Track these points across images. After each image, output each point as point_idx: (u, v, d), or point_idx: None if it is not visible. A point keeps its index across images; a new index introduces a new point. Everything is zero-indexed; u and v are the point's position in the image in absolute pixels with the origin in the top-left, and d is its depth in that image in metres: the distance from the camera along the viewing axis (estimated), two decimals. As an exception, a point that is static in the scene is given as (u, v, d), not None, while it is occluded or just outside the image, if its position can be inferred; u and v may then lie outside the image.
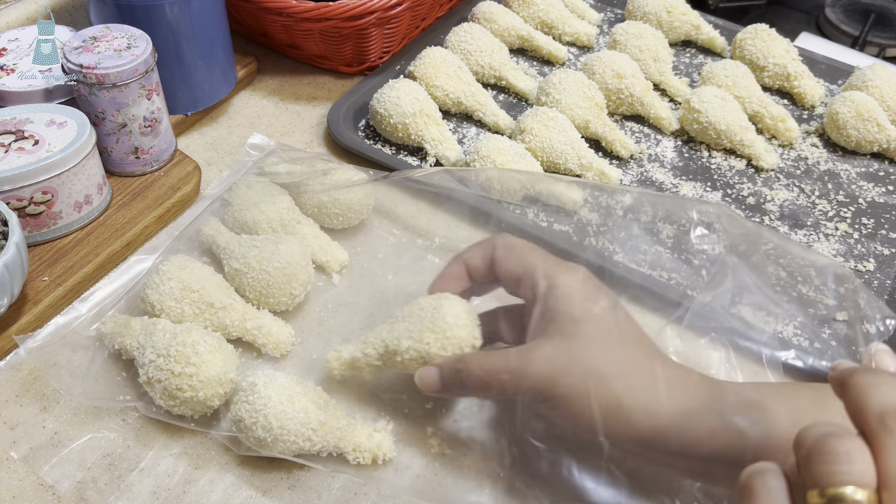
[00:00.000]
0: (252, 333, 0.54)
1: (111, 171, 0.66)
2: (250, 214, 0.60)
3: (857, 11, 1.10)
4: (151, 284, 0.54)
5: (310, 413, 0.47)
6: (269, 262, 0.55)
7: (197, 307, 0.53)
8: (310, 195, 0.62)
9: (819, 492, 0.31)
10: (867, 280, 0.64)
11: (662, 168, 0.73)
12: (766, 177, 0.72)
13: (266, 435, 0.47)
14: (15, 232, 0.52)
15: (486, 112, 0.75)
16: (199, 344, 0.49)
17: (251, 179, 0.62)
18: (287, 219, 0.60)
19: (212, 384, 0.49)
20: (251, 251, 0.56)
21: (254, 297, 0.56)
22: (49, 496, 0.48)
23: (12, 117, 0.60)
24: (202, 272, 0.55)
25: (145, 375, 0.49)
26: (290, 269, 0.55)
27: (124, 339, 0.52)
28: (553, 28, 0.87)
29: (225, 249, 0.58)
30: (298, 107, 0.78)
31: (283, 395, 0.47)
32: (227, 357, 0.51)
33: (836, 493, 0.30)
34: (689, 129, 0.75)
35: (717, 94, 0.74)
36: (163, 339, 0.49)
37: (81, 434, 0.50)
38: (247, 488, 0.48)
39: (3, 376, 0.54)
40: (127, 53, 0.61)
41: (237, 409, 0.48)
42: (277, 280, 0.55)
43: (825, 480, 0.31)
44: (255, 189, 0.61)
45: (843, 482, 0.31)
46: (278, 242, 0.56)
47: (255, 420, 0.47)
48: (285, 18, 0.73)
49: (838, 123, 0.74)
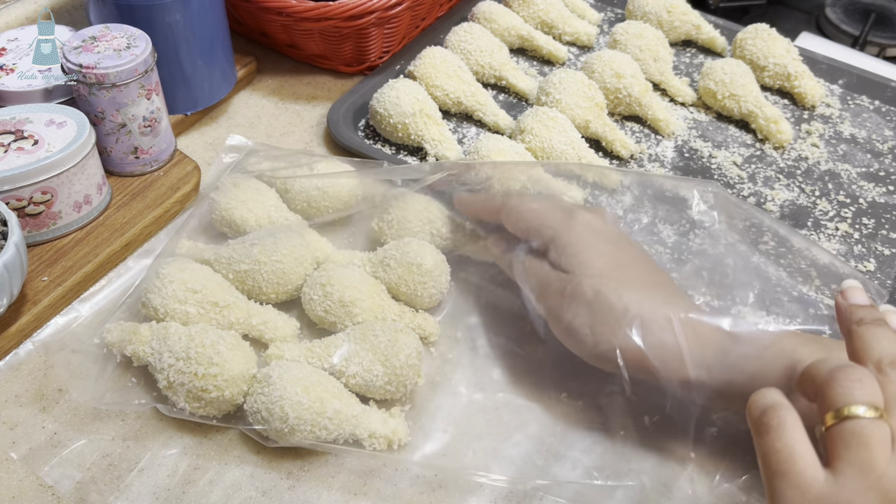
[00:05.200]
0: (258, 329, 0.54)
1: (111, 170, 0.66)
2: (238, 213, 0.60)
3: (858, 11, 1.10)
4: (153, 289, 0.53)
5: (325, 402, 0.48)
6: (276, 251, 0.55)
7: (202, 307, 0.53)
8: (297, 191, 0.62)
9: (834, 413, 0.35)
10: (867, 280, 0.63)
11: (663, 168, 0.73)
12: (767, 176, 0.72)
13: (283, 426, 0.47)
14: (14, 232, 0.52)
15: (486, 112, 0.75)
16: (219, 343, 0.49)
17: (238, 178, 0.62)
18: (275, 216, 0.60)
19: (236, 382, 0.49)
20: (253, 249, 0.56)
21: (271, 290, 0.56)
22: (49, 496, 0.48)
23: (12, 117, 0.60)
24: (202, 272, 0.55)
25: (165, 380, 0.49)
26: (297, 252, 0.56)
27: (135, 347, 0.51)
28: (553, 28, 0.87)
29: (217, 261, 0.57)
30: (298, 107, 0.78)
31: (299, 386, 0.48)
32: (247, 353, 0.51)
33: (851, 412, 0.35)
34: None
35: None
36: (179, 343, 0.49)
37: (81, 434, 0.50)
38: (246, 489, 0.48)
39: (3, 376, 0.54)
40: (126, 53, 0.60)
41: (253, 402, 0.48)
42: (290, 265, 0.56)
43: (841, 401, 0.35)
44: (241, 187, 0.61)
45: (856, 401, 0.35)
46: (273, 233, 0.57)
47: (272, 411, 0.47)
48: (285, 18, 0.73)
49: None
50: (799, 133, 0.78)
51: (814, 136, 0.77)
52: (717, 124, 0.78)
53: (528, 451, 0.51)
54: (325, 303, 0.54)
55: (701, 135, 0.77)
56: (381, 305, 0.55)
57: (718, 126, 0.78)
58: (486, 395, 0.54)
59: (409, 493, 0.49)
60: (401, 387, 0.51)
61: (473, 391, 0.54)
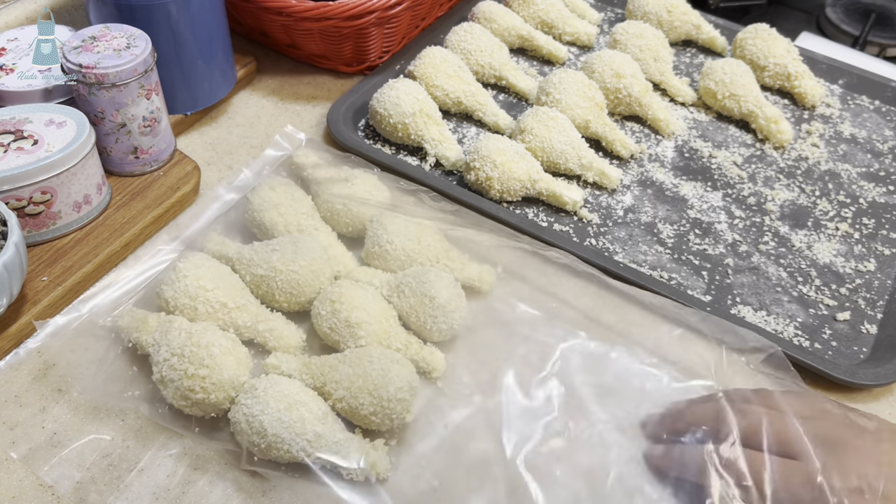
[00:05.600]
0: (263, 335, 0.54)
1: (110, 170, 0.66)
2: (268, 216, 0.59)
3: (858, 11, 1.10)
4: (167, 281, 0.54)
5: (306, 423, 0.47)
6: (295, 262, 0.55)
7: (210, 306, 0.53)
8: (324, 200, 0.62)
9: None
10: (867, 280, 0.64)
11: (663, 168, 0.73)
12: (767, 176, 0.72)
13: (260, 440, 0.46)
14: (14, 232, 0.52)
15: (486, 112, 0.75)
16: (214, 346, 0.49)
17: (275, 181, 0.62)
18: (304, 224, 0.60)
19: (224, 387, 0.48)
20: (272, 255, 0.55)
21: (284, 298, 0.55)
22: (48, 496, 0.48)
23: (11, 117, 0.60)
24: (218, 271, 0.55)
25: (159, 374, 0.49)
26: (316, 265, 0.56)
27: (140, 335, 0.52)
28: (553, 28, 0.87)
29: (239, 260, 0.57)
30: (298, 106, 0.78)
31: (282, 403, 0.47)
32: (241, 360, 0.50)
33: None
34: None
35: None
36: (178, 339, 0.49)
37: (81, 434, 0.50)
38: (246, 489, 0.48)
39: (3, 376, 0.54)
40: (126, 53, 0.60)
41: (235, 411, 0.48)
42: (306, 277, 0.55)
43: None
44: (277, 191, 0.61)
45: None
46: (296, 242, 0.56)
47: (251, 424, 0.47)
48: (285, 18, 0.73)
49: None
50: (799, 133, 0.78)
51: (814, 136, 0.77)
52: (717, 124, 0.78)
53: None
54: (332, 320, 0.53)
55: (701, 135, 0.77)
56: (387, 332, 0.53)
57: (718, 126, 0.78)
58: (484, 450, 0.49)
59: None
60: (386, 420, 0.49)
61: (468, 441, 0.50)
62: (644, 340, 0.56)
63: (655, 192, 0.70)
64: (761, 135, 0.76)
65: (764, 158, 0.74)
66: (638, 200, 0.69)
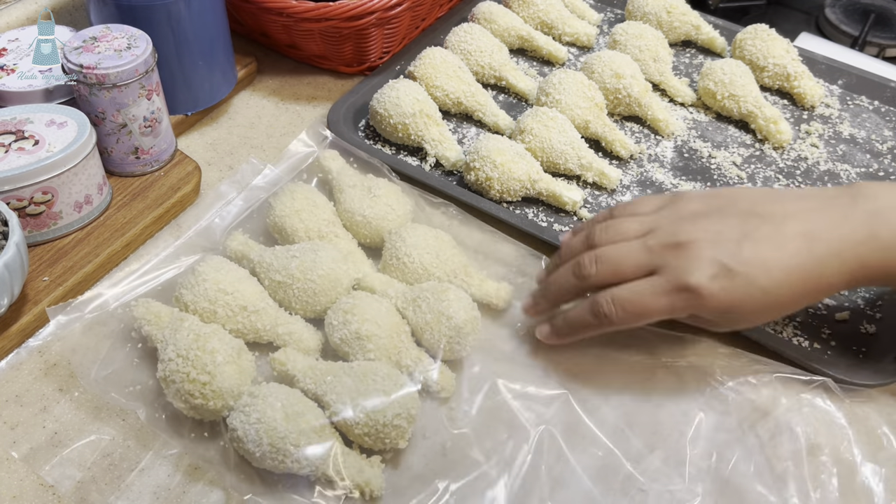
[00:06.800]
0: (283, 338, 0.54)
1: (111, 171, 0.66)
2: (290, 222, 0.59)
3: (857, 11, 1.10)
4: (186, 284, 0.54)
5: (303, 436, 0.46)
6: (313, 271, 0.55)
7: (230, 310, 0.53)
8: (344, 209, 0.61)
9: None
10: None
11: (662, 168, 0.73)
12: (766, 176, 0.73)
13: (255, 449, 0.46)
14: (15, 232, 0.52)
15: (486, 112, 0.75)
16: (218, 353, 0.49)
17: (297, 186, 0.61)
18: (325, 231, 0.60)
19: (223, 396, 0.48)
20: (291, 262, 0.55)
21: (300, 306, 0.55)
22: (49, 496, 0.48)
23: (12, 117, 0.60)
24: (237, 275, 0.55)
25: (163, 372, 0.49)
26: (333, 275, 0.55)
27: (151, 328, 0.52)
28: (553, 28, 0.87)
29: (260, 263, 0.57)
30: (298, 107, 0.78)
31: (280, 414, 0.46)
32: (244, 369, 0.50)
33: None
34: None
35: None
36: (185, 340, 0.49)
37: (82, 434, 0.50)
38: (247, 489, 0.48)
39: (3, 376, 0.54)
40: (127, 53, 0.61)
41: (233, 418, 0.48)
42: (323, 287, 0.55)
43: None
44: (298, 197, 0.60)
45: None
46: (316, 250, 0.56)
47: (247, 432, 0.46)
48: (285, 18, 0.73)
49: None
50: (798, 133, 0.78)
51: (813, 136, 0.77)
52: (716, 124, 0.78)
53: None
54: (343, 331, 0.52)
55: (700, 135, 0.77)
56: (397, 346, 0.52)
57: (718, 126, 0.78)
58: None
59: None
60: (378, 443, 0.48)
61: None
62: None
63: (655, 192, 0.70)
64: (761, 135, 0.76)
65: (763, 159, 0.75)
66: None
